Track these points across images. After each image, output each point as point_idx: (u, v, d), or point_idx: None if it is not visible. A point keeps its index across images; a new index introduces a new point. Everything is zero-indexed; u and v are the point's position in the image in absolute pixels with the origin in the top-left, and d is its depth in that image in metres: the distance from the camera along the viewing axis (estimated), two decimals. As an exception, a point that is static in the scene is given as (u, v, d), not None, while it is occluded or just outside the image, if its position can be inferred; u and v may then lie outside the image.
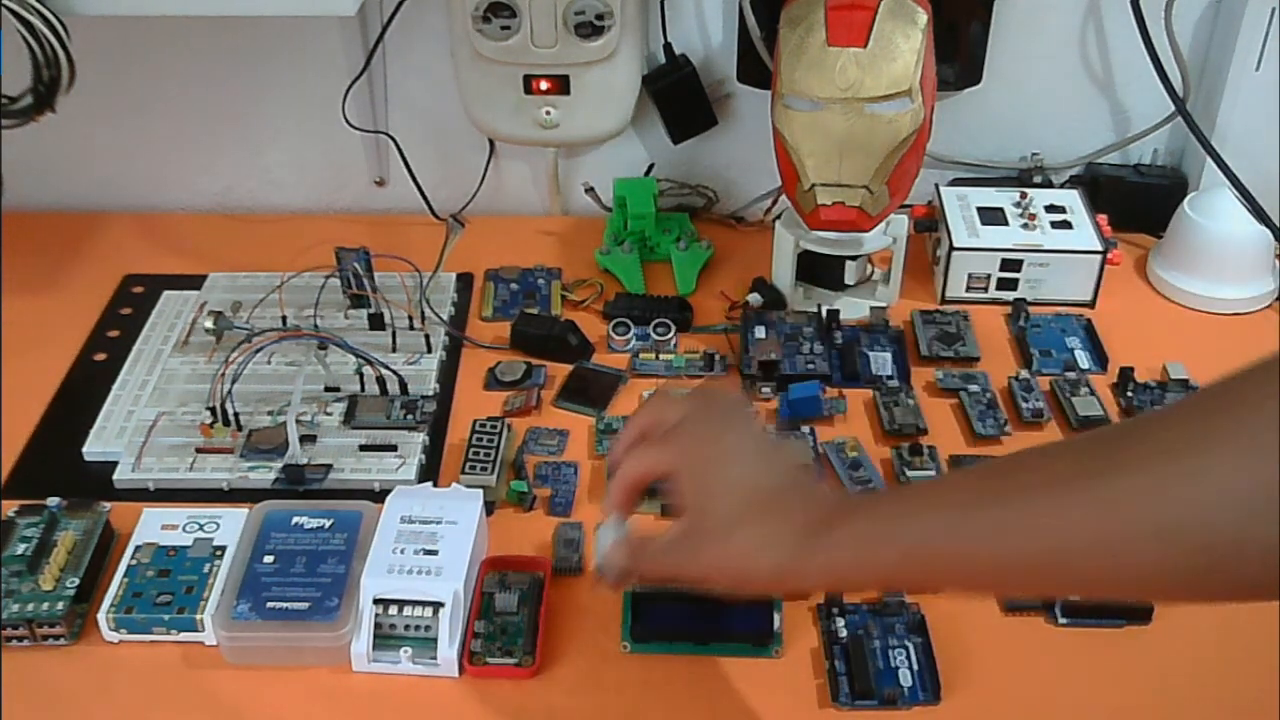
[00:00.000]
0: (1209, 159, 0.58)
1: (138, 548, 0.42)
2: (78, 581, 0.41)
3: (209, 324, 0.52)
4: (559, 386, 0.52)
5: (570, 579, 0.43)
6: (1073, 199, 0.60)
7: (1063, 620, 0.41)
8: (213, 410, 0.48)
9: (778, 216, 0.57)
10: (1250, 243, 0.56)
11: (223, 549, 0.42)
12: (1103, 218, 0.58)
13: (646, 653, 0.40)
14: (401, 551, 0.40)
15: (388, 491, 0.43)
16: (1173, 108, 0.58)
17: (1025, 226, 0.58)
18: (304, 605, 0.40)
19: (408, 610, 0.39)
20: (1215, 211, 0.57)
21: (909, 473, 0.46)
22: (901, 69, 0.49)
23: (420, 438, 0.48)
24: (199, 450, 0.47)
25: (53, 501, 0.44)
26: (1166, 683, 0.40)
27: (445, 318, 0.55)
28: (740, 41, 0.58)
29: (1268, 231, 0.57)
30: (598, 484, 0.47)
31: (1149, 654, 0.41)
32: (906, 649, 0.40)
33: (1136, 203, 0.61)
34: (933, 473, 0.46)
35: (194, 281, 0.58)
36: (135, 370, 0.52)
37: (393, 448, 0.48)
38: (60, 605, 0.40)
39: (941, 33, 0.53)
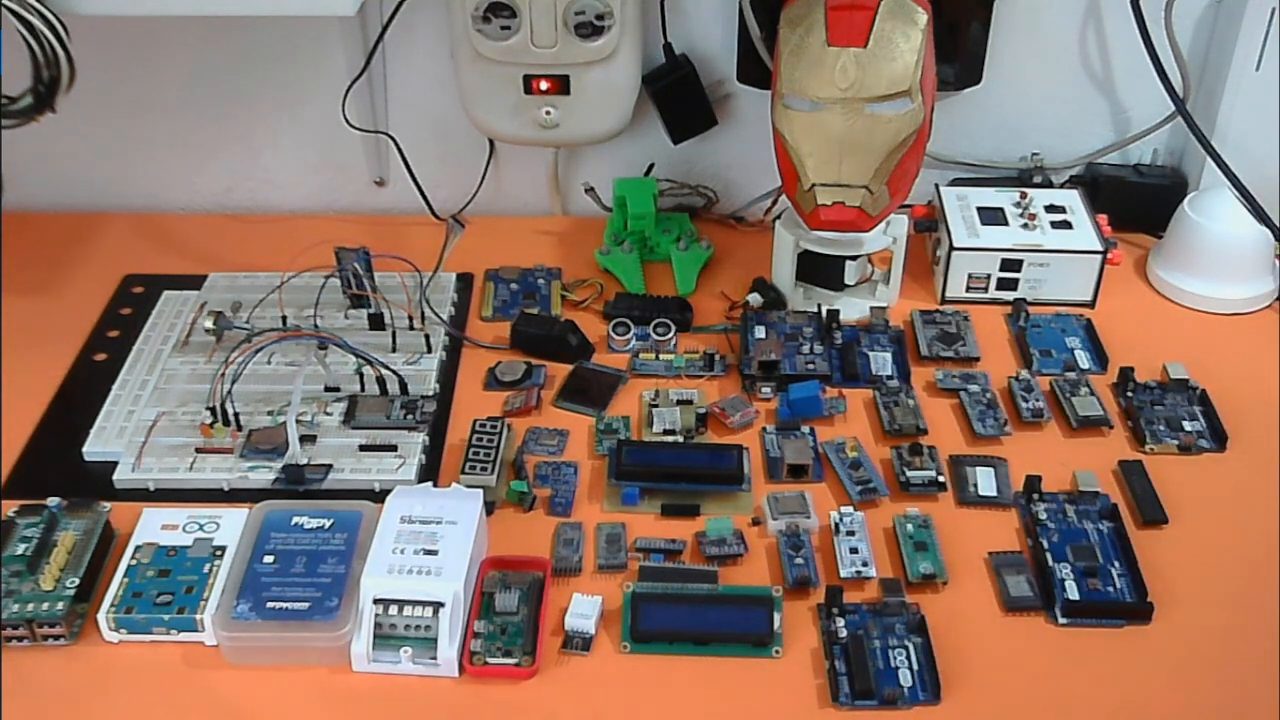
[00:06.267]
0: (1209, 159, 0.58)
1: (138, 548, 0.42)
2: (78, 581, 0.41)
3: (209, 324, 0.52)
4: (559, 386, 0.52)
5: (570, 579, 0.43)
6: (1073, 199, 0.60)
7: (1063, 620, 0.41)
8: (213, 410, 0.48)
9: (778, 216, 0.57)
10: (1250, 243, 0.56)
11: (223, 549, 0.42)
12: (1103, 218, 0.58)
13: (646, 653, 0.40)
14: (401, 552, 0.40)
15: (388, 491, 0.43)
16: (1173, 108, 0.58)
17: (1025, 226, 0.58)
18: (304, 605, 0.40)
19: (408, 610, 0.39)
20: (1215, 211, 0.57)
21: (909, 473, 0.46)
22: (901, 69, 0.49)
23: (420, 438, 0.48)
24: (199, 450, 0.47)
25: (53, 501, 0.44)
26: (1167, 682, 0.40)
27: (445, 318, 0.55)
28: (740, 41, 0.59)
29: (1267, 231, 0.57)
30: (598, 484, 0.47)
31: (1149, 654, 0.41)
32: (906, 649, 0.40)
33: (1136, 203, 0.62)
34: (932, 473, 0.46)
35: (194, 281, 0.58)
36: (135, 370, 0.52)
37: (393, 448, 0.48)
38: (60, 605, 0.40)
39: (941, 33, 0.53)
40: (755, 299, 0.56)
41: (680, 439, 0.49)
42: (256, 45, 0.61)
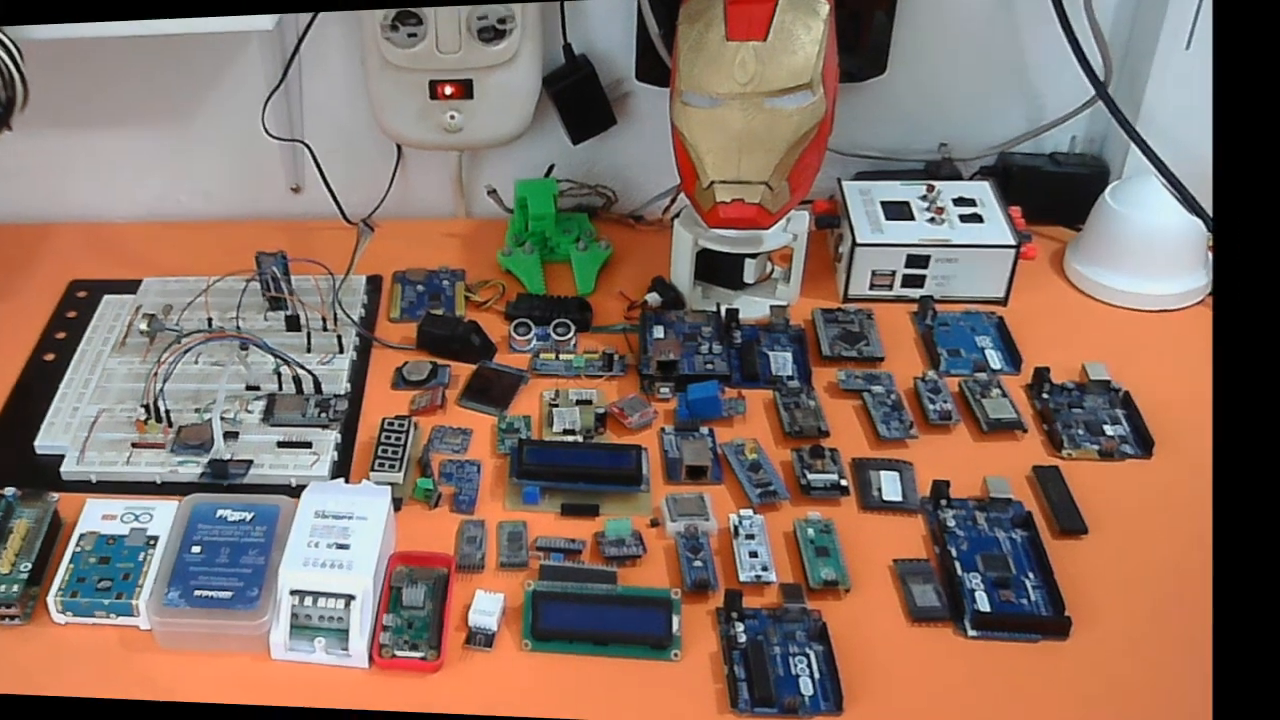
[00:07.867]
0: (1133, 145, 0.57)
1: (81, 536, 0.47)
2: (30, 566, 0.46)
3: (143, 326, 0.58)
4: (463, 386, 0.55)
5: (474, 575, 0.45)
6: (983, 191, 0.60)
7: (973, 632, 0.41)
8: (146, 408, 0.53)
9: (676, 215, 0.58)
10: (1179, 234, 0.56)
11: (156, 539, 0.46)
12: (1016, 210, 0.58)
13: (547, 651, 0.42)
14: (316, 545, 0.44)
15: (303, 487, 0.47)
16: (1092, 91, 0.58)
17: (932, 220, 0.58)
18: (228, 594, 0.43)
19: (322, 602, 0.43)
20: (1140, 201, 0.56)
21: (810, 476, 0.47)
22: (802, 61, 0.49)
23: (333, 435, 0.52)
24: (134, 445, 0.52)
25: (9, 491, 0.49)
26: (1084, 700, 0.39)
27: (356, 319, 0.59)
28: (639, 39, 0.60)
29: (1199, 221, 0.55)
30: (500, 482, 0.50)
31: (1065, 670, 0.40)
32: (808, 656, 0.41)
33: (1053, 193, 0.61)
34: (834, 476, 0.47)
35: (132, 286, 0.63)
36: (79, 370, 0.58)
37: (308, 444, 0.52)
38: (15, 588, 0.45)
39: (844, 22, 0.53)
40: (654, 298, 0.58)
41: (580, 439, 0.51)
42: (185, 62, 0.64)
